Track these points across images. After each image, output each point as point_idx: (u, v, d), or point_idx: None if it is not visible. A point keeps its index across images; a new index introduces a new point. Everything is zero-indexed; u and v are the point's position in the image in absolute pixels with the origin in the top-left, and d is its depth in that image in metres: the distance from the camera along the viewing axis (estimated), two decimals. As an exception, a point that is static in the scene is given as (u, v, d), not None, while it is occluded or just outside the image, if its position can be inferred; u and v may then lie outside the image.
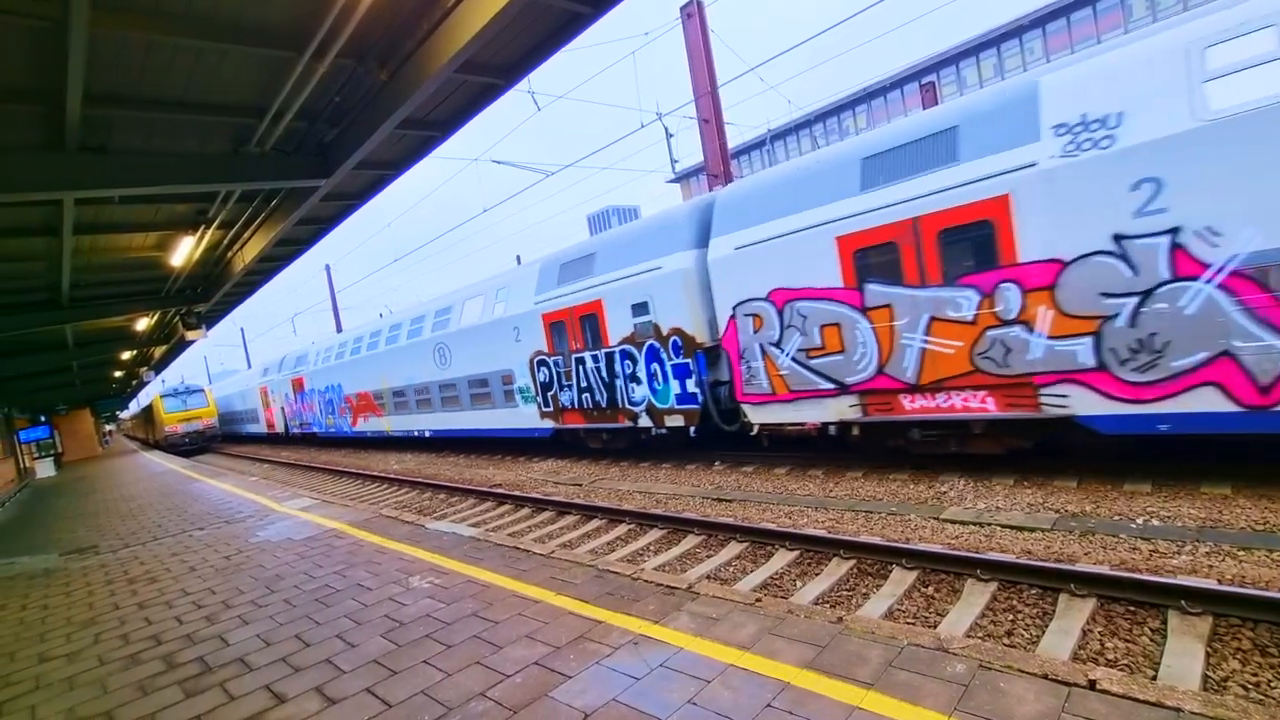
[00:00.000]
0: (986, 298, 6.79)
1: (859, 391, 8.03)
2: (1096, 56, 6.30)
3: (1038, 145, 6.35)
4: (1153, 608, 4.17)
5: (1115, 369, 6.10)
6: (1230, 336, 5.45)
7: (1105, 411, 6.25)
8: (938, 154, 7.09)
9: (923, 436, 8.01)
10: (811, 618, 3.64)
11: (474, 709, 3.15)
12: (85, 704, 3.91)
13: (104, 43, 5.20)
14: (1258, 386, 5.36)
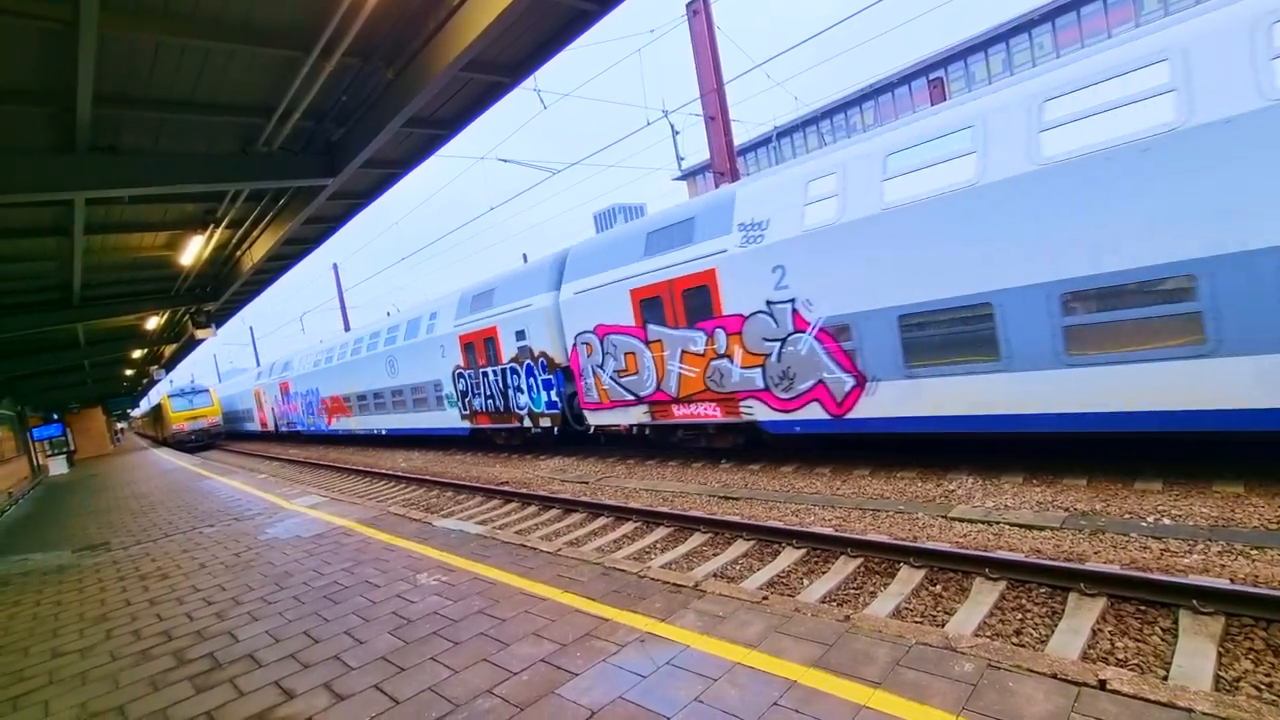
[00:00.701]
0: (710, 337, 9.66)
1: (649, 402, 10.96)
2: (766, 177, 9.20)
3: (729, 237, 9.22)
4: (1164, 607, 4.13)
5: (773, 389, 9.00)
6: (822, 370, 8.34)
7: (771, 418, 9.15)
8: (685, 236, 9.96)
9: (684, 435, 11.03)
10: (818, 616, 3.63)
11: (481, 706, 3.16)
12: (97, 699, 3.95)
13: (113, 44, 5.24)
14: (836, 402, 8.30)
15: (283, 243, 10.94)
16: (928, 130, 7.41)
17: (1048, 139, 6.40)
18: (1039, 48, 32.87)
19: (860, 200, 7.73)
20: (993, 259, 6.72)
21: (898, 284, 7.48)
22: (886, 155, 7.69)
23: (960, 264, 6.98)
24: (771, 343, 8.87)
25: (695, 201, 10.30)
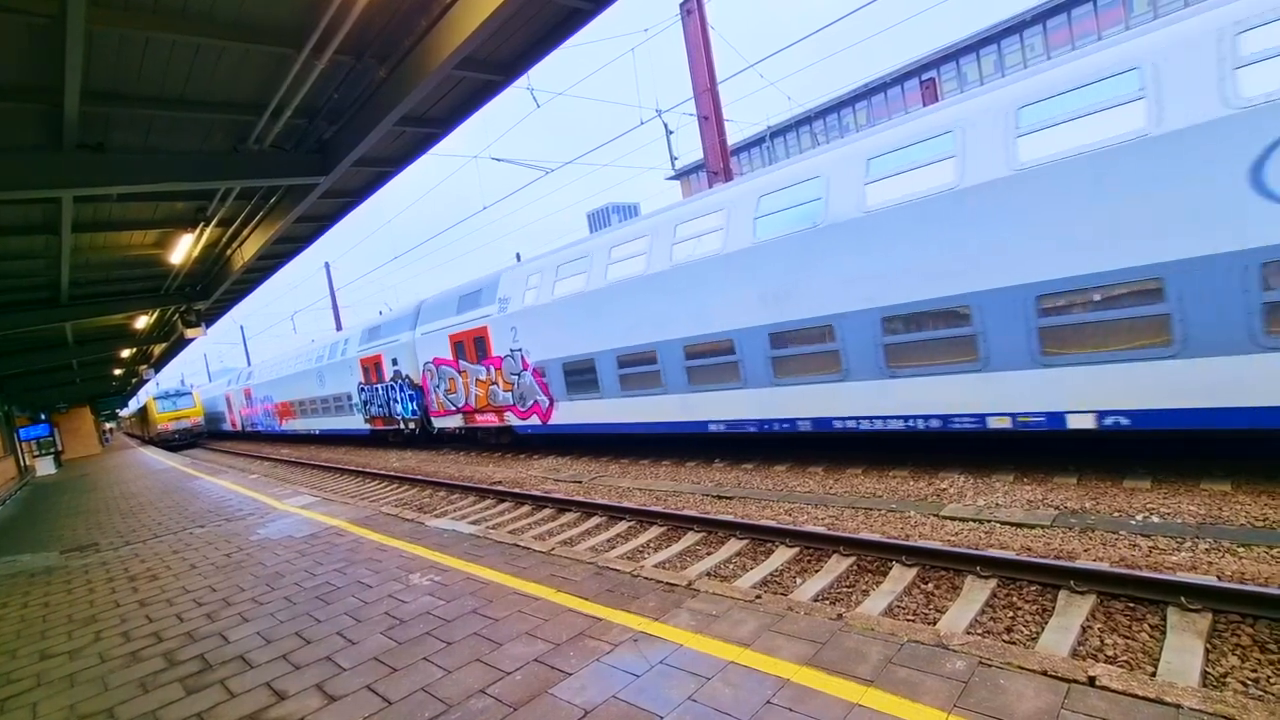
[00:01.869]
0: (488, 371, 14.43)
1: (463, 412, 15.90)
2: (517, 267, 13.87)
3: (494, 306, 14.03)
4: (1152, 604, 4.17)
5: (517, 405, 13.85)
6: (536, 394, 13.13)
7: (516, 423, 14.13)
8: (474, 302, 14.92)
9: (483, 434, 16.17)
10: (811, 615, 3.64)
11: (474, 706, 3.16)
12: (86, 701, 3.92)
13: (102, 40, 5.19)
14: (542, 414, 13.12)
15: (274, 241, 10.86)
16: (576, 253, 12.25)
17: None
18: (1030, 49, 33.09)
19: (545, 293, 12.71)
20: (601, 332, 11.41)
21: (560, 345, 12.39)
22: (558, 265, 12.49)
23: (584, 335, 11.78)
24: (514, 375, 13.79)
25: (481, 278, 15.32)
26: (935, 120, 7.30)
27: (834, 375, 8.26)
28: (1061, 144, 6.28)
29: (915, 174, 7.28)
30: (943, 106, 7.44)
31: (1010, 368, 6.79)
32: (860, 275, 7.73)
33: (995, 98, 6.88)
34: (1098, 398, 6.30)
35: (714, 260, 9.32)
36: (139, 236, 10.14)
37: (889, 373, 7.69)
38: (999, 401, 6.93)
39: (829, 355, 8.25)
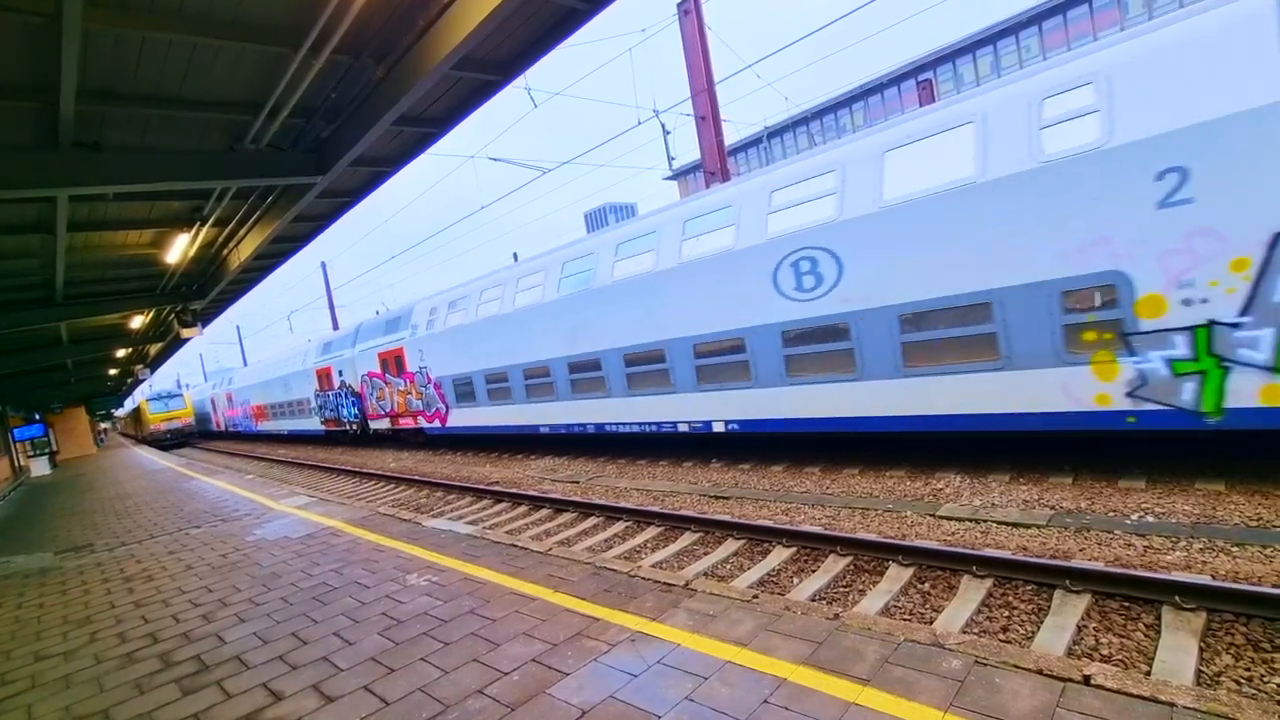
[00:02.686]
0: (405, 383, 17.56)
1: (390, 416, 19.05)
2: (427, 300, 16.88)
3: (408, 330, 17.26)
4: (1147, 603, 4.19)
5: (425, 411, 17.03)
6: (438, 402, 16.39)
7: (426, 426, 17.25)
8: (395, 327, 18.27)
9: (405, 435, 19.07)
10: (808, 614, 3.65)
11: (471, 706, 3.16)
12: (82, 702, 3.90)
13: (98, 39, 5.17)
14: (443, 419, 16.32)
15: (270, 241, 10.83)
16: (459, 293, 15.64)
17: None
18: (1026, 50, 33.21)
19: (439, 323, 15.96)
20: (477, 355, 14.62)
21: (451, 365, 15.60)
22: (448, 302, 15.79)
23: (466, 358, 14.96)
24: (423, 388, 16.95)
25: (401, 307, 18.68)
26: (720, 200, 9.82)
27: (601, 393, 11.66)
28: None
29: (706, 238, 9.76)
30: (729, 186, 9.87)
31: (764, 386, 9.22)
32: (662, 317, 10.37)
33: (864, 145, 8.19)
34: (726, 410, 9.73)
35: (537, 308, 12.75)
36: (134, 236, 10.10)
37: (699, 387, 10.17)
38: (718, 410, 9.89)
39: (596, 380, 11.73)
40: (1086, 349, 6.36)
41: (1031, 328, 6.62)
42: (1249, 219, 5.34)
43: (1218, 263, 5.54)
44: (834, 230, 8.00)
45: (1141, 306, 5.98)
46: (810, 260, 8.23)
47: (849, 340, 8.03)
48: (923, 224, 7.25)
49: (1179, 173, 5.64)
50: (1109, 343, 6.22)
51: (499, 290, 13.79)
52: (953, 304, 7.13)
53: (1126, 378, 6.16)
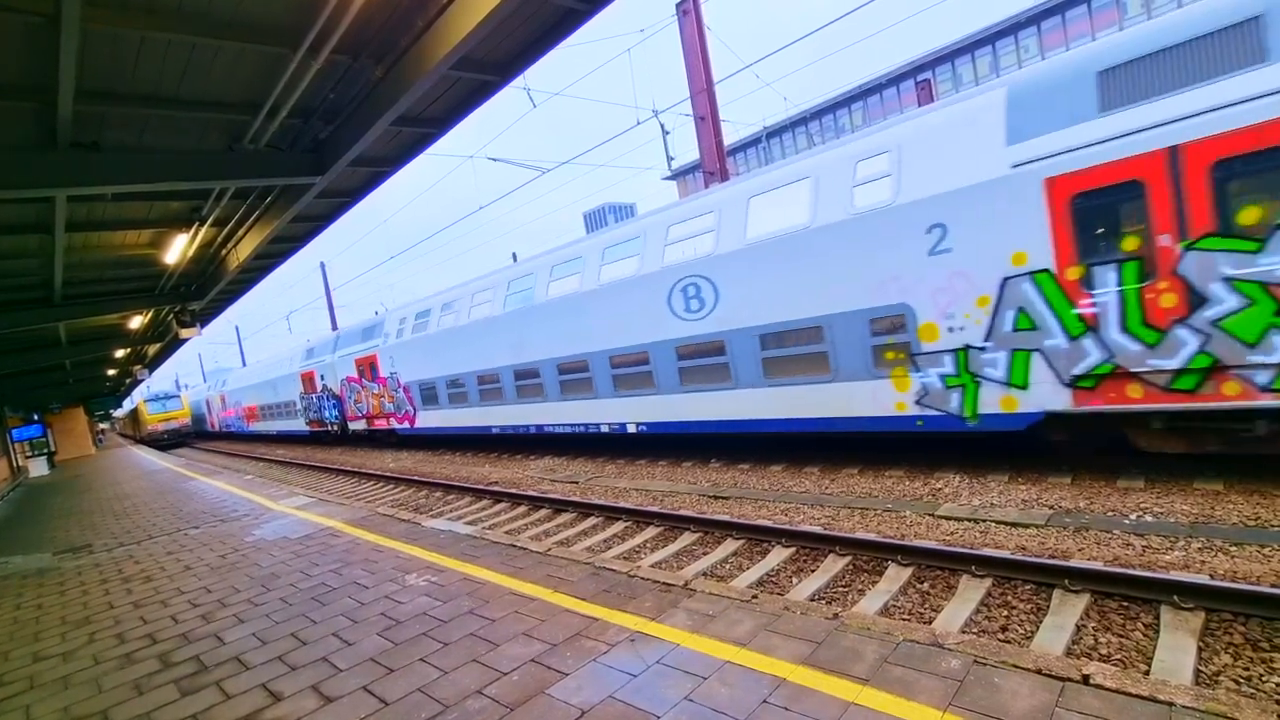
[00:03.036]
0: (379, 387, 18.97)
1: (367, 418, 20.24)
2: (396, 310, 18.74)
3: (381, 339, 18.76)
4: (1146, 603, 4.20)
5: (396, 412, 18.53)
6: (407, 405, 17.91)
7: (398, 427, 18.68)
8: (370, 335, 19.44)
9: (380, 435, 20.51)
10: (807, 614, 3.65)
11: (471, 706, 3.16)
12: (80, 703, 3.90)
13: (96, 39, 5.16)
14: (411, 420, 17.95)
15: (269, 241, 10.81)
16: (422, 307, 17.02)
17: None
18: (1025, 50, 33.24)
19: (406, 333, 17.35)
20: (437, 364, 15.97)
21: (417, 371, 17.02)
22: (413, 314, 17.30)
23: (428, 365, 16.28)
24: (395, 391, 18.30)
25: (375, 317, 20.13)
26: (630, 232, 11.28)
27: (540, 398, 13.13)
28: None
29: (619, 264, 11.18)
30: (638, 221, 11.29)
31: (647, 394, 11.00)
32: (575, 332, 11.92)
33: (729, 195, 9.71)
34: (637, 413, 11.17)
35: (488, 321, 14.08)
36: (133, 236, 10.09)
37: (616, 393, 11.66)
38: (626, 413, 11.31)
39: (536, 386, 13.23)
40: (888, 365, 7.78)
41: (851, 348, 8.07)
42: (987, 266, 6.82)
43: (969, 299, 7.01)
44: (712, 262, 9.39)
45: (922, 332, 7.44)
46: (695, 286, 9.66)
47: (725, 355, 9.44)
48: (774, 259, 8.63)
49: (941, 228, 7.09)
50: (902, 361, 7.64)
51: (457, 304, 15.40)
52: (797, 327, 8.57)
53: (915, 389, 7.59)
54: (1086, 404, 6.46)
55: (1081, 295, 6.32)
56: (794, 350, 8.67)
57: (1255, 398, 5.55)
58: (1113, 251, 6.15)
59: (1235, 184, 5.48)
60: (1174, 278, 5.80)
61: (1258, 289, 5.43)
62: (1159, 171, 5.76)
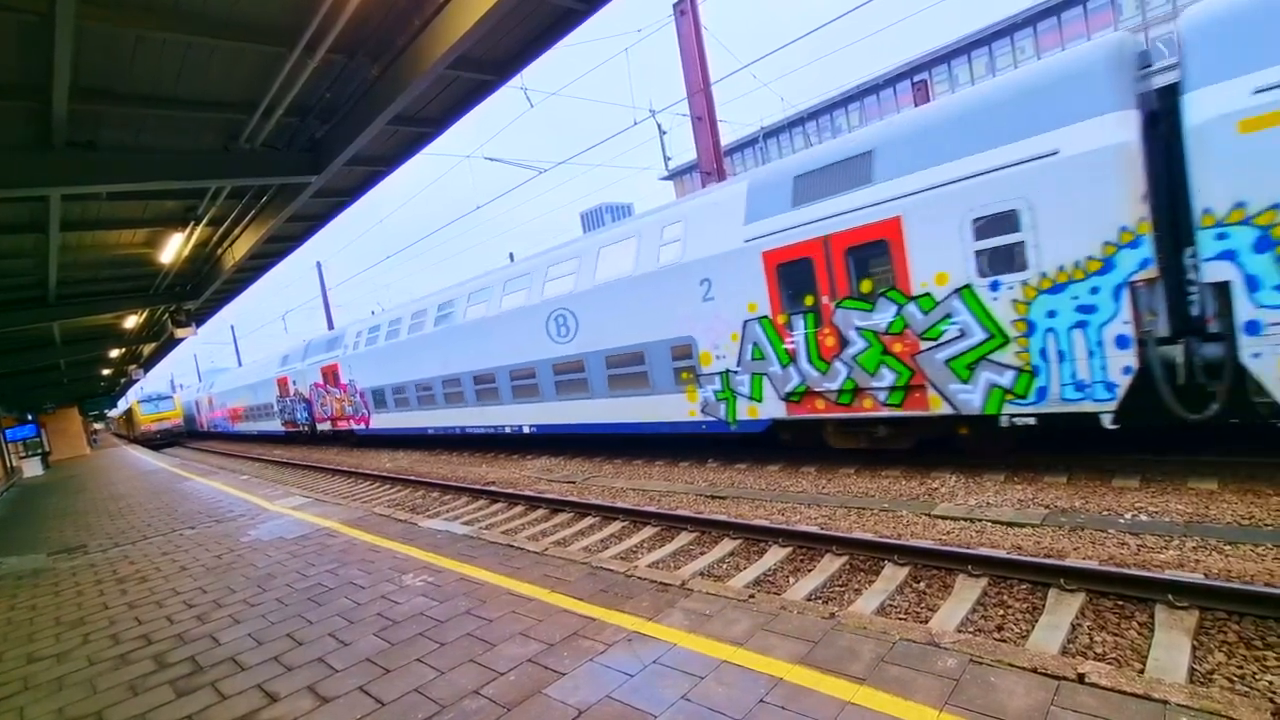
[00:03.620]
0: (340, 392, 21.22)
1: (330, 420, 22.50)
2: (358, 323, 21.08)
3: (344, 349, 20.87)
4: (1141, 602, 4.22)
5: (355, 415, 20.66)
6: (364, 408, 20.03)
7: (356, 427, 20.94)
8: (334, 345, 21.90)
9: (343, 434, 22.76)
10: (804, 614, 3.66)
11: (467, 707, 3.15)
12: (75, 704, 3.88)
13: (91, 37, 5.14)
14: (367, 422, 20.23)
15: (265, 241, 10.79)
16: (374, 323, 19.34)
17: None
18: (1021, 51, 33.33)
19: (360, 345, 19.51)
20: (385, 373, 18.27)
21: (370, 379, 19.08)
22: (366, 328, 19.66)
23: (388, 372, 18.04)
24: (358, 393, 20.13)
25: (337, 330, 22.96)
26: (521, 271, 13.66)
27: (462, 404, 15.48)
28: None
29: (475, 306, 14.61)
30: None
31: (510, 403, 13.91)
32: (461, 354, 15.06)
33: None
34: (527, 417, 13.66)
35: (422, 338, 16.38)
36: (128, 235, 10.05)
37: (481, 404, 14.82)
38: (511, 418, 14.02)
39: (459, 393, 15.48)
40: (684, 383, 10.09)
41: (661, 368, 10.36)
42: (735, 311, 9.23)
43: (726, 335, 9.35)
44: (574, 297, 11.67)
45: (702, 358, 9.77)
46: (564, 316, 11.92)
47: (584, 372, 11.74)
48: (614, 297, 10.93)
49: (708, 281, 9.45)
50: (691, 379, 9.97)
51: (400, 322, 17.68)
52: (628, 350, 10.86)
53: (700, 401, 9.93)
54: (795, 413, 8.91)
55: (787, 335, 8.70)
56: (627, 369, 11.00)
57: (879, 410, 7.99)
58: (801, 306, 8.51)
59: (856, 264, 7.88)
60: (831, 325, 8.23)
61: (872, 335, 7.83)
62: (820, 252, 8.14)
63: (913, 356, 7.50)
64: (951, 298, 7.10)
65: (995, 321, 6.84)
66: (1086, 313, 6.26)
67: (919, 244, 7.23)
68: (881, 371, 7.79)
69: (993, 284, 6.79)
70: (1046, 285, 6.45)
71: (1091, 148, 6.03)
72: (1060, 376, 6.49)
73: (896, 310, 7.54)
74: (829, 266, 8.01)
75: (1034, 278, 6.51)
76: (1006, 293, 6.72)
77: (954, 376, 7.23)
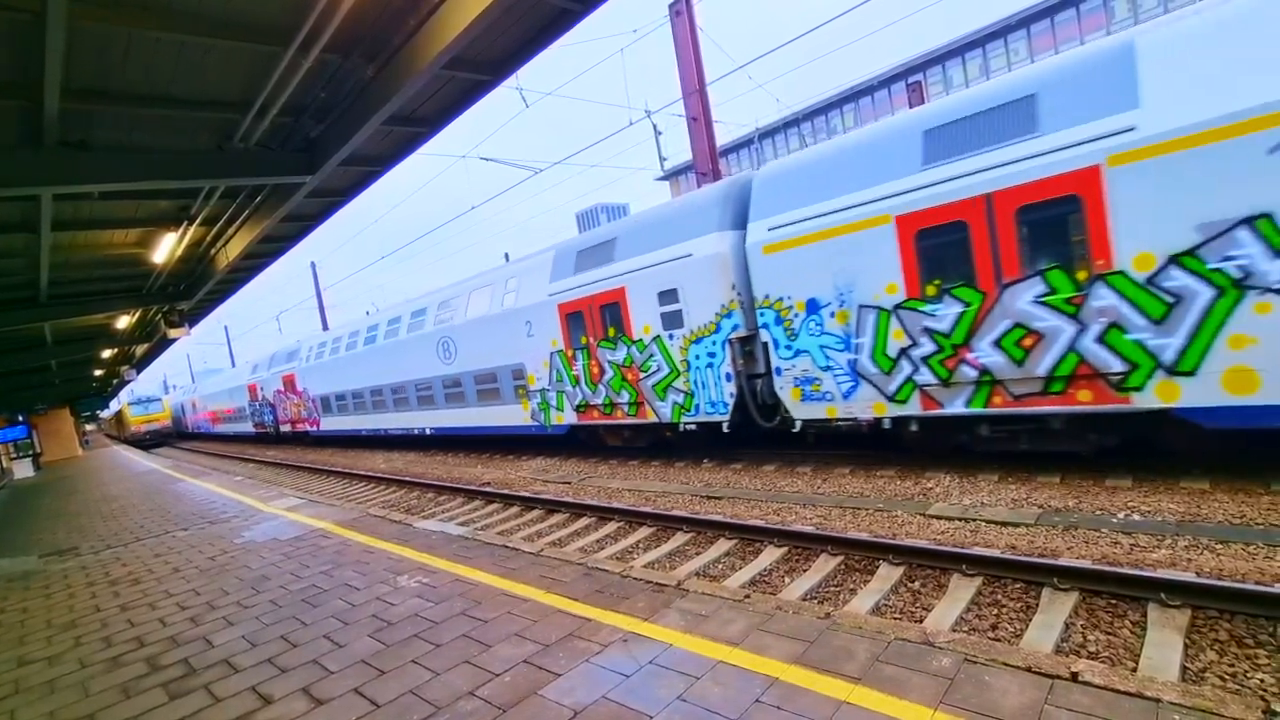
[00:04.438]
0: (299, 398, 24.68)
1: (289, 423, 26.05)
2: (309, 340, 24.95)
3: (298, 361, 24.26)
4: (1133, 601, 4.24)
5: (308, 417, 24.27)
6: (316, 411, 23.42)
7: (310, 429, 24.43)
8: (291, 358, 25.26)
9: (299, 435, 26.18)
10: (799, 613, 3.67)
11: (463, 708, 3.15)
12: (67, 707, 3.86)
13: (84, 36, 5.11)
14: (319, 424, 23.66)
15: (259, 241, 10.74)
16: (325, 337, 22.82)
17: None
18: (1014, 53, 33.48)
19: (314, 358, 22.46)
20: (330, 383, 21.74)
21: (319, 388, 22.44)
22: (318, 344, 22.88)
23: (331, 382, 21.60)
24: (310, 400, 23.20)
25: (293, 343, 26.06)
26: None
27: (384, 410, 18.82)
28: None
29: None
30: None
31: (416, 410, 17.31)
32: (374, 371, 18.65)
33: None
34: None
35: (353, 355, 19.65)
36: (121, 235, 9.99)
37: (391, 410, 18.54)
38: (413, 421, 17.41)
39: (381, 401, 18.78)
40: (520, 396, 13.38)
41: (508, 385, 13.62)
42: (544, 345, 12.47)
43: (541, 363, 12.64)
44: (455, 328, 14.84)
45: (530, 379, 13.03)
46: (448, 342, 15.12)
47: (462, 387, 15.02)
48: (480, 329, 14.09)
49: (529, 323, 12.66)
50: (524, 394, 13.25)
51: (340, 342, 21.03)
52: (486, 372, 14.13)
53: (530, 410, 13.25)
54: (582, 420, 12.19)
55: (574, 364, 11.95)
56: (488, 385, 14.19)
57: (625, 419, 11.30)
58: (580, 344, 11.76)
59: (606, 317, 11.14)
60: (596, 359, 11.48)
61: (616, 366, 11.16)
62: (586, 306, 11.41)
63: (637, 382, 10.85)
64: (652, 343, 10.42)
65: (673, 361, 10.15)
66: (711, 358, 9.56)
67: (635, 306, 10.54)
68: (623, 392, 11.19)
69: (670, 335, 10.10)
70: (694, 338, 9.75)
71: (705, 254, 9.37)
72: (703, 398, 9.85)
73: (626, 350, 10.89)
74: (591, 316, 11.43)
75: (689, 332, 9.81)
76: (677, 342, 10.02)
77: (657, 397, 10.59)
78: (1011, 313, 6.64)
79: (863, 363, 7.85)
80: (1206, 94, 5.42)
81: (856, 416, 8.08)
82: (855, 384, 8.00)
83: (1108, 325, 6.09)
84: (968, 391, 7.14)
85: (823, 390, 8.30)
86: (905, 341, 7.44)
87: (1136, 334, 5.95)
